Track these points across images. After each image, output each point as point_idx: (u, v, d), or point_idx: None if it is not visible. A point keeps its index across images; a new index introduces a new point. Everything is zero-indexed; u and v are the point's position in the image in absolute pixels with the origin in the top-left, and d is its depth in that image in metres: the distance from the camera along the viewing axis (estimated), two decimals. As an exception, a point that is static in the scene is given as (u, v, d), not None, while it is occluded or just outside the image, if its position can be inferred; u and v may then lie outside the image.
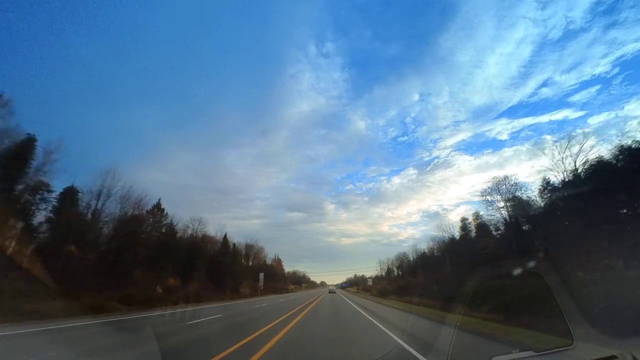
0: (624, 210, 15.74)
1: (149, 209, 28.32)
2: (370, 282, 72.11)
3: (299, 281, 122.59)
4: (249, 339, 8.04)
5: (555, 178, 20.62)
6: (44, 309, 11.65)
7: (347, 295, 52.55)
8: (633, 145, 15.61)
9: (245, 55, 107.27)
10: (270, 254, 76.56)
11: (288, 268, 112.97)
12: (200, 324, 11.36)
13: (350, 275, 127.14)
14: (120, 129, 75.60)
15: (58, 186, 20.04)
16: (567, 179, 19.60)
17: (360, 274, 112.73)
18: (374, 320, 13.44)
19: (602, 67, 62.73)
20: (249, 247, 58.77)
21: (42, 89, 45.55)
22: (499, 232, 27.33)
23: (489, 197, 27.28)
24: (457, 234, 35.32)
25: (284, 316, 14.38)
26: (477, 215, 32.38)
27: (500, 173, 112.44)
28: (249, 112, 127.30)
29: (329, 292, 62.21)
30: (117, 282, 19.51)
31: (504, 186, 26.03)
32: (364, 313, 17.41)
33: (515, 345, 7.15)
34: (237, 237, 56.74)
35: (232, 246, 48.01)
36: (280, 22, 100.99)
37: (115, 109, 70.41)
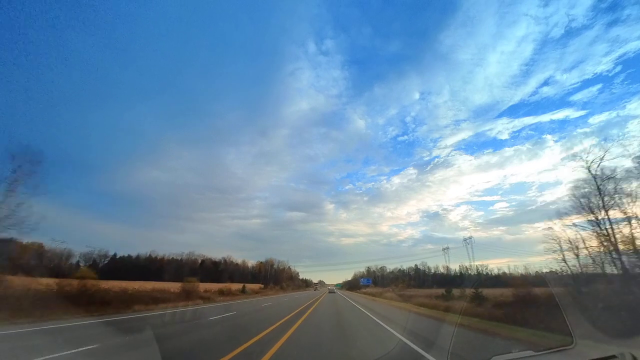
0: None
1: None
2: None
3: (281, 277, 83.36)
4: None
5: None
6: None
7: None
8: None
9: (245, 52, 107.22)
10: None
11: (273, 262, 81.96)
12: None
13: (359, 270, 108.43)
14: (120, 128, 75.61)
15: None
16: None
17: (379, 266, 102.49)
18: None
19: (603, 65, 62.78)
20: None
21: (42, 88, 45.49)
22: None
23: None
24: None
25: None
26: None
27: (500, 173, 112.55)
28: (248, 110, 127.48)
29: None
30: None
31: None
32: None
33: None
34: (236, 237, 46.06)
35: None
36: (280, 18, 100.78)
37: (114, 108, 70.41)
